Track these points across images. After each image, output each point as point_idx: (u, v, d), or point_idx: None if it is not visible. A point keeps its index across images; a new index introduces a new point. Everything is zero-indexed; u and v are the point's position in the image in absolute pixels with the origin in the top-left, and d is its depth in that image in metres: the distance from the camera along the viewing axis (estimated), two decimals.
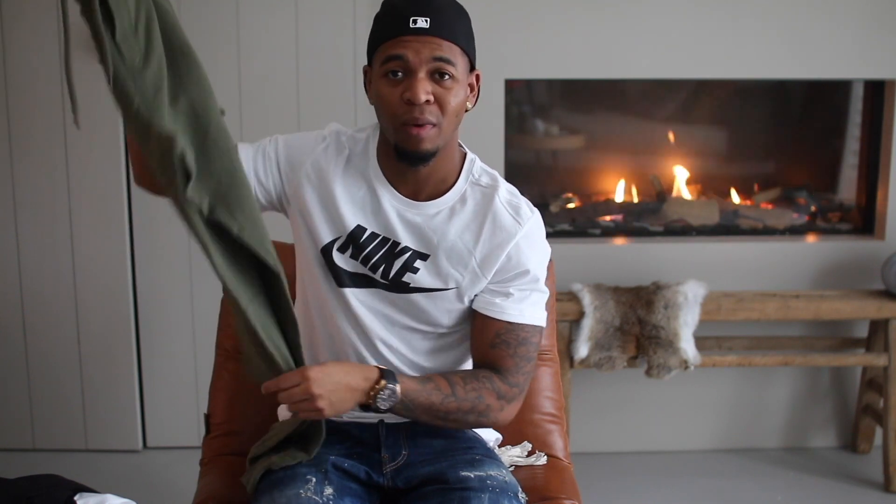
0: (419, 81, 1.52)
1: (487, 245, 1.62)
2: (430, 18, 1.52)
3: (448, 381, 1.58)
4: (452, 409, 1.57)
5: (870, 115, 3.18)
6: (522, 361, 1.62)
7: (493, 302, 1.63)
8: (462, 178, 1.65)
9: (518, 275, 1.63)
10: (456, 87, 1.54)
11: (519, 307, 1.62)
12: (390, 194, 1.63)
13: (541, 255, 1.66)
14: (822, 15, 3.01)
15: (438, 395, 1.55)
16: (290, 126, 3.01)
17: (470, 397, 1.58)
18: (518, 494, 1.60)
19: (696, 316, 2.89)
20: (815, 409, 3.26)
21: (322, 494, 1.53)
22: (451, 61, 1.53)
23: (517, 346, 1.62)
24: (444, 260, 1.62)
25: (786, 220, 3.28)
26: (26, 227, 3.05)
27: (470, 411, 1.58)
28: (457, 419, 1.59)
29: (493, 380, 1.60)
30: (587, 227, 3.23)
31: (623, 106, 3.38)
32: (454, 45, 1.54)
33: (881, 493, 2.95)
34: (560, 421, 2.00)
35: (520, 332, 1.62)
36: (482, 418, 1.60)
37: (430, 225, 1.63)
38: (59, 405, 3.11)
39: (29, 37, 2.93)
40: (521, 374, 1.63)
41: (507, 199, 1.65)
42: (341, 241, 1.64)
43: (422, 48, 1.52)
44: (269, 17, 2.98)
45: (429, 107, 1.53)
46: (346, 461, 1.63)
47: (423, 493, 1.59)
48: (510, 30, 2.97)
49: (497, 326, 1.62)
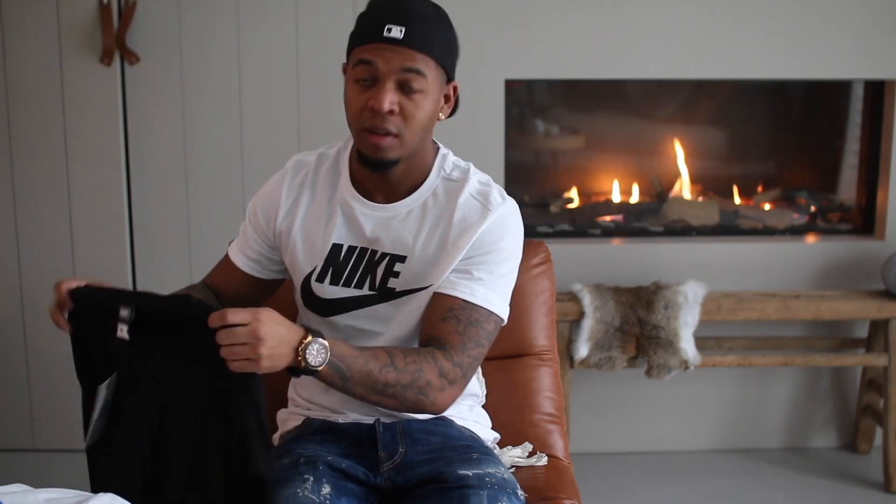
0: (385, 90, 1.51)
1: (457, 233, 1.60)
2: (406, 28, 1.50)
3: (387, 352, 1.50)
4: (391, 380, 1.47)
5: (870, 115, 3.18)
6: (470, 343, 1.55)
7: (449, 279, 1.59)
8: (433, 174, 1.64)
9: (483, 254, 1.60)
10: (424, 100, 1.53)
11: (471, 285, 1.58)
12: (362, 204, 1.63)
13: (509, 241, 1.62)
14: (822, 15, 3.01)
15: (376, 363, 1.47)
16: (289, 126, 3.02)
17: (410, 369, 1.48)
18: (517, 491, 1.60)
19: (697, 316, 2.88)
20: (815, 409, 3.26)
21: (319, 494, 1.52)
22: (422, 72, 1.52)
23: (467, 324, 1.56)
24: (420, 258, 1.61)
25: (786, 220, 3.27)
26: (26, 227, 3.05)
27: (409, 385, 1.48)
28: (395, 394, 1.49)
29: (436, 355, 1.52)
30: (587, 227, 3.23)
31: (623, 106, 3.38)
32: (427, 58, 1.52)
33: (881, 493, 2.95)
34: (560, 421, 1.99)
35: (472, 311, 1.57)
36: (421, 396, 1.50)
37: (405, 225, 1.62)
38: (59, 405, 3.11)
39: (29, 37, 2.93)
40: (467, 355, 1.54)
41: (476, 189, 1.63)
42: (318, 270, 1.64)
43: (392, 58, 1.51)
44: (268, 18, 2.98)
45: (392, 117, 1.53)
46: (344, 461, 1.62)
47: (421, 492, 1.58)
48: (510, 30, 2.97)
49: (450, 302, 1.57)
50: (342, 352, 1.44)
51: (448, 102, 1.61)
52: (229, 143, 3.04)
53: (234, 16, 2.97)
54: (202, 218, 3.06)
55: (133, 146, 3.03)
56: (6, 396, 3.11)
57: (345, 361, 1.44)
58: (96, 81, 2.96)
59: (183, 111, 3.02)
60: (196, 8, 2.97)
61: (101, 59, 2.92)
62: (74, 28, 2.93)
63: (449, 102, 1.61)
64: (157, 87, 3.01)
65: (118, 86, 2.97)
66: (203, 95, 3.01)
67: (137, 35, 2.95)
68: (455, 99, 1.62)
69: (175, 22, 2.97)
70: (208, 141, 3.04)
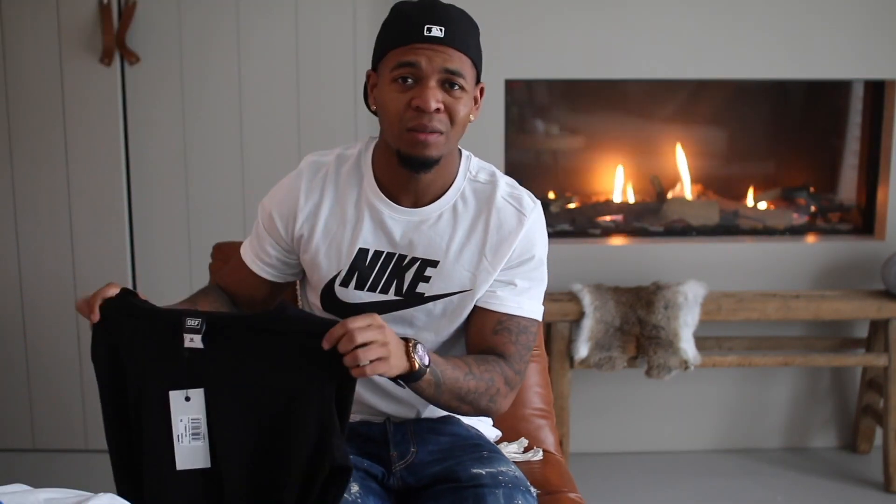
0: (430, 90, 1.51)
1: (495, 239, 1.61)
2: (445, 28, 1.52)
3: (464, 360, 1.55)
4: (472, 388, 1.53)
5: (870, 115, 3.18)
6: (524, 350, 1.62)
7: (494, 293, 1.62)
8: (460, 176, 1.64)
9: (523, 262, 1.63)
10: (465, 98, 1.55)
11: (518, 300, 1.62)
12: (390, 208, 1.62)
13: (542, 244, 1.67)
14: (822, 15, 3.01)
15: (460, 371, 1.52)
16: (289, 126, 3.02)
17: (485, 378, 1.55)
18: (529, 488, 1.60)
19: (697, 316, 2.89)
20: (815, 409, 3.26)
21: (350, 492, 1.52)
22: (462, 73, 1.53)
23: (518, 333, 1.62)
24: (453, 263, 1.61)
25: (786, 220, 3.28)
26: (26, 227, 3.05)
27: (484, 393, 1.55)
28: (472, 401, 1.55)
29: (501, 365, 1.59)
30: (587, 227, 3.23)
31: (623, 106, 3.38)
32: (465, 57, 1.53)
33: (881, 493, 2.95)
34: (549, 415, 2.01)
35: (520, 321, 1.62)
36: (491, 403, 1.57)
37: (437, 230, 1.62)
38: (59, 405, 3.11)
39: (29, 37, 2.94)
40: (523, 362, 1.62)
41: (508, 193, 1.65)
42: (343, 274, 1.63)
43: (434, 57, 1.51)
44: (268, 18, 2.98)
45: (438, 115, 1.52)
46: (365, 461, 1.62)
47: (434, 491, 1.58)
48: (510, 30, 2.97)
49: (498, 316, 1.62)
50: (435, 358, 1.49)
51: (477, 104, 1.61)
52: (229, 143, 3.04)
53: (234, 16, 2.97)
54: (202, 218, 3.06)
55: (133, 146, 3.03)
56: (6, 396, 3.11)
57: (439, 367, 1.48)
58: (96, 81, 2.96)
59: (183, 111, 3.02)
60: (196, 8, 2.97)
61: (101, 59, 2.92)
62: (74, 28, 2.93)
63: (478, 104, 1.62)
64: (157, 87, 3.01)
65: (118, 86, 2.97)
66: (203, 95, 3.01)
67: (137, 35, 2.95)
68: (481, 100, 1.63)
69: (175, 22, 2.97)
70: (208, 141, 3.04)
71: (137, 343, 1.47)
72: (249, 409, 1.45)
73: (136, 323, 1.47)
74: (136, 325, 1.47)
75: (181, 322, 1.44)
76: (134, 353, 1.48)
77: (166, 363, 1.46)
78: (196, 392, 1.45)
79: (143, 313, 1.48)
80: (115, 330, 1.48)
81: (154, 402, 1.46)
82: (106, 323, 1.48)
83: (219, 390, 1.46)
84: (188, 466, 1.47)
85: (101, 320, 1.48)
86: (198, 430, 1.47)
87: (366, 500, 1.54)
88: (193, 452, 1.46)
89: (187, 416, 1.46)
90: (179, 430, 1.46)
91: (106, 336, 1.49)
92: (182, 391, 1.46)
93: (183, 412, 1.46)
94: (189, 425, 1.46)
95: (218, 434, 1.46)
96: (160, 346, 1.46)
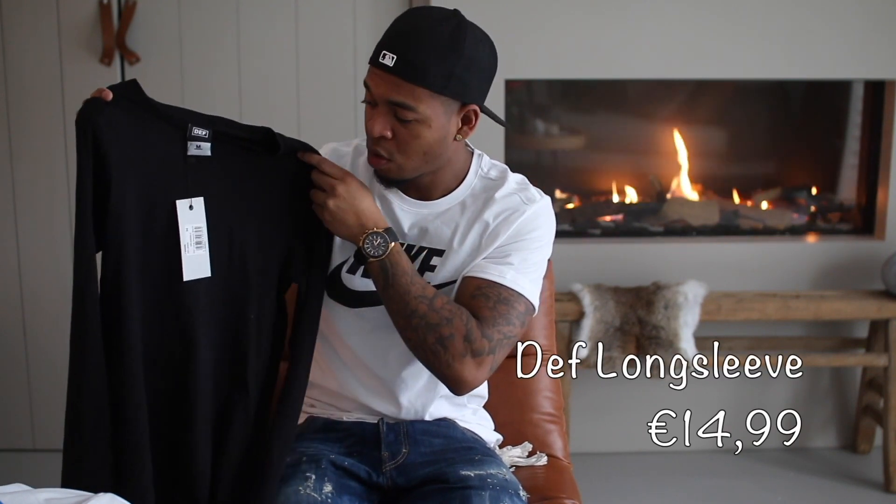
0: (378, 115, 1.51)
1: (494, 225, 1.61)
2: (399, 56, 1.46)
3: (434, 290, 1.53)
4: (420, 311, 1.49)
5: (870, 115, 3.18)
6: (500, 319, 1.53)
7: (479, 263, 1.59)
8: (471, 173, 1.65)
9: (515, 242, 1.60)
10: (420, 128, 1.51)
11: (501, 269, 1.57)
12: (400, 199, 1.64)
13: (543, 231, 1.63)
14: (822, 15, 3.01)
15: (419, 288, 1.51)
16: (290, 126, 3.02)
17: (441, 313, 1.50)
18: (519, 492, 1.60)
19: (697, 316, 2.89)
20: (815, 409, 3.26)
21: (321, 492, 1.53)
22: (409, 105, 1.48)
23: (497, 301, 1.55)
24: (458, 252, 1.62)
25: (786, 220, 3.28)
26: (26, 227, 3.05)
27: (433, 327, 1.49)
28: (418, 327, 1.50)
29: (469, 318, 1.51)
30: (587, 228, 3.23)
31: (623, 106, 3.38)
32: (418, 88, 1.47)
33: (881, 493, 2.95)
34: (559, 421, 1.99)
35: (501, 290, 1.56)
36: (439, 346, 1.49)
37: (444, 220, 1.63)
38: (59, 405, 3.09)
39: (29, 37, 2.93)
40: (496, 330, 1.53)
41: (514, 187, 1.65)
42: (350, 261, 1.63)
43: (381, 85, 1.50)
44: (269, 18, 2.98)
45: (384, 142, 1.53)
46: (347, 459, 1.62)
47: (423, 492, 1.59)
48: (510, 30, 2.97)
49: (477, 282, 1.57)
50: (399, 262, 1.52)
51: (470, 124, 1.57)
52: None
53: (235, 15, 2.98)
54: None
55: None
56: (6, 396, 3.11)
57: (396, 269, 1.51)
58: (96, 81, 2.95)
59: None
60: (196, 8, 2.97)
61: (101, 59, 2.92)
62: (74, 28, 2.93)
63: (470, 124, 1.57)
64: (157, 87, 2.98)
65: None
66: (203, 95, 3.01)
67: (137, 35, 2.95)
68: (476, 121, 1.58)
69: (175, 22, 2.97)
70: None
71: (138, 147, 1.46)
72: (239, 222, 1.52)
73: (139, 120, 1.46)
74: (140, 123, 1.46)
75: (188, 129, 1.49)
76: (132, 159, 1.45)
77: (168, 172, 1.48)
78: (197, 201, 1.49)
79: (149, 106, 1.47)
80: (116, 124, 1.44)
81: (158, 211, 1.48)
82: (113, 108, 1.43)
83: (214, 200, 1.51)
84: (194, 276, 1.50)
85: (113, 99, 1.44)
86: (200, 238, 1.50)
87: (338, 500, 1.53)
88: (198, 261, 1.49)
89: (192, 224, 1.49)
90: (185, 240, 1.49)
91: (100, 133, 1.43)
92: (187, 200, 1.49)
93: (188, 221, 1.49)
94: (193, 234, 1.49)
95: (211, 244, 1.51)
96: (163, 153, 1.47)
